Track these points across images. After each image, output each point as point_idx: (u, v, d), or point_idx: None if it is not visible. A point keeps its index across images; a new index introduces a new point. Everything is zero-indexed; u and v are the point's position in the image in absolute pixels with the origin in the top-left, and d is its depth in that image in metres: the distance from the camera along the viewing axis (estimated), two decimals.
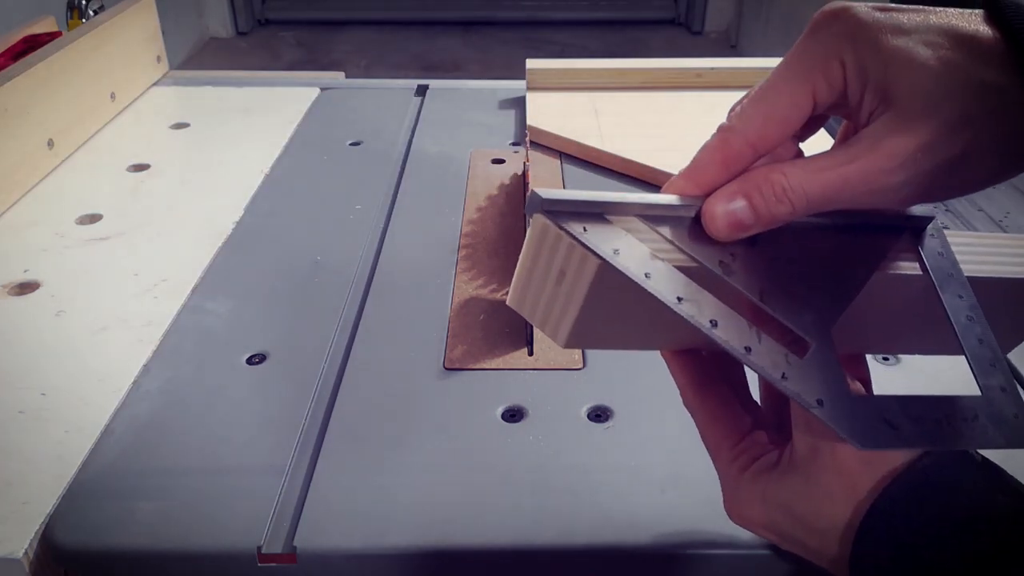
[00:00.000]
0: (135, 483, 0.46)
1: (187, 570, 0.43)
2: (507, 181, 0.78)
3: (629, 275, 0.28)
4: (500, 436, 0.49)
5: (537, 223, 0.29)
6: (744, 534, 0.42)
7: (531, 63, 0.95)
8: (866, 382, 0.36)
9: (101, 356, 0.55)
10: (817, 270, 0.32)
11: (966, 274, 0.33)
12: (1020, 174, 0.31)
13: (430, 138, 0.87)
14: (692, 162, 0.31)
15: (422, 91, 1.00)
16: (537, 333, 0.56)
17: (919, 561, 0.29)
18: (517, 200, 0.75)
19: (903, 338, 0.39)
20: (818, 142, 0.33)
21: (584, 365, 0.54)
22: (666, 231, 0.30)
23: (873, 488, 0.31)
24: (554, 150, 0.84)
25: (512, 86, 1.00)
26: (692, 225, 0.31)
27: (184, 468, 0.47)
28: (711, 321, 0.29)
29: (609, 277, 0.29)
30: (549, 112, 0.88)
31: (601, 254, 0.28)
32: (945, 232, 0.35)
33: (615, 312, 0.31)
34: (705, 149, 0.31)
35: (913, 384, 0.53)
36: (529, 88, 0.94)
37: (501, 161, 0.82)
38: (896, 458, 0.31)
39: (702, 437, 0.37)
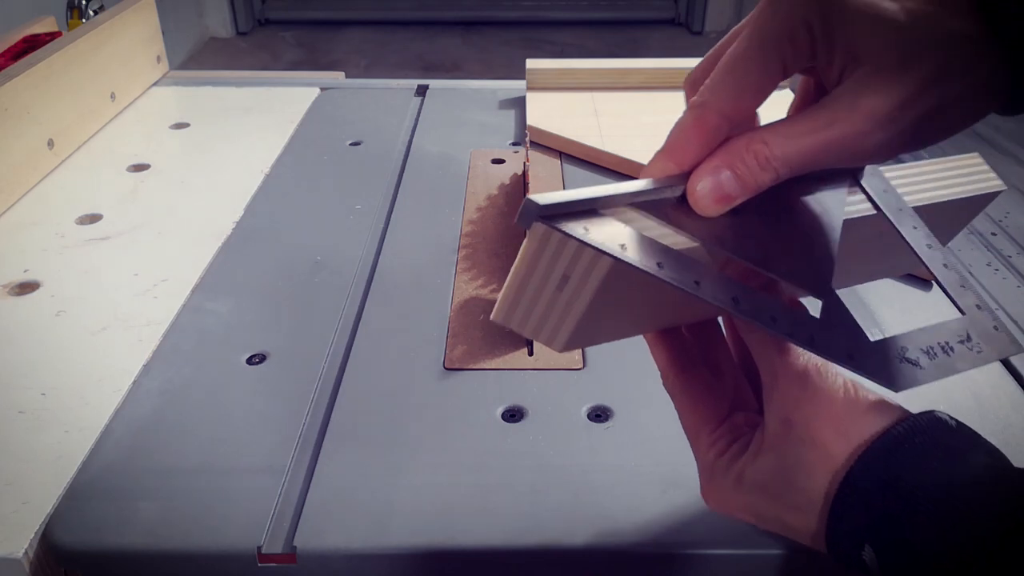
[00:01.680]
0: (135, 483, 0.46)
1: (187, 570, 0.43)
2: (507, 181, 0.78)
3: (643, 268, 0.28)
4: (500, 436, 0.49)
5: (536, 231, 0.29)
6: (744, 534, 0.42)
7: (531, 63, 0.95)
8: None
9: (101, 356, 0.55)
10: (797, 227, 0.32)
11: (911, 205, 0.35)
12: (990, 114, 0.30)
13: (430, 138, 0.87)
14: (668, 140, 0.31)
15: (422, 91, 1.00)
16: None
17: (895, 526, 0.29)
18: (517, 200, 0.75)
19: (865, 270, 0.41)
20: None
21: (584, 365, 0.54)
22: (661, 214, 0.30)
23: (849, 456, 0.30)
24: (554, 150, 0.84)
25: (512, 86, 1.00)
26: (679, 204, 0.31)
27: (184, 468, 0.47)
28: (732, 299, 0.29)
29: (618, 274, 0.29)
30: (549, 112, 0.88)
31: (610, 252, 0.28)
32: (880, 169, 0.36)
33: (617, 306, 0.32)
34: (680, 126, 0.31)
35: None
36: (529, 88, 0.94)
37: (501, 161, 0.82)
38: (869, 426, 0.31)
39: (681, 422, 0.37)
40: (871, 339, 0.31)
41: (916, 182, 0.37)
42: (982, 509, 0.28)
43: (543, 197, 0.28)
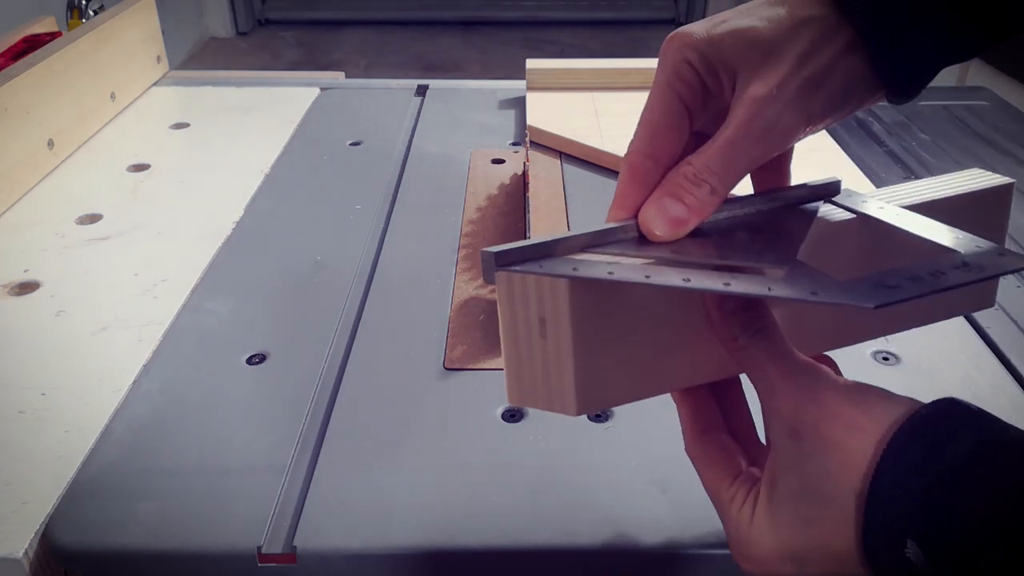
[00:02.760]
0: (135, 483, 0.46)
1: (187, 570, 0.43)
2: (507, 181, 0.78)
3: (594, 278, 0.30)
4: (500, 436, 0.49)
5: (500, 281, 0.31)
6: None
7: (531, 63, 0.95)
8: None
9: (101, 356, 0.55)
10: (760, 239, 0.34)
11: (909, 204, 0.36)
12: (874, 85, 0.34)
13: (430, 138, 0.87)
14: (615, 193, 0.35)
15: (422, 91, 1.00)
16: None
17: (939, 505, 0.27)
18: (517, 200, 0.75)
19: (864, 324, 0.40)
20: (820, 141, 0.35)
21: None
22: (614, 250, 0.33)
23: (876, 447, 0.29)
24: (554, 150, 0.84)
25: (512, 86, 1.00)
26: (637, 241, 0.34)
27: (184, 468, 0.47)
28: (684, 279, 0.30)
29: (584, 298, 0.30)
30: (549, 112, 0.88)
31: (563, 273, 0.30)
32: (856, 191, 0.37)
33: (609, 348, 0.32)
34: (619, 178, 0.35)
35: (912, 382, 0.53)
36: (529, 88, 0.94)
37: (501, 161, 0.82)
38: (885, 415, 0.29)
39: (704, 485, 0.36)
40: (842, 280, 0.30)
41: (913, 192, 0.37)
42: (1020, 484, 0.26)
43: (497, 248, 0.31)
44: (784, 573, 0.32)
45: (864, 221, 0.35)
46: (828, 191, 0.37)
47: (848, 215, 0.35)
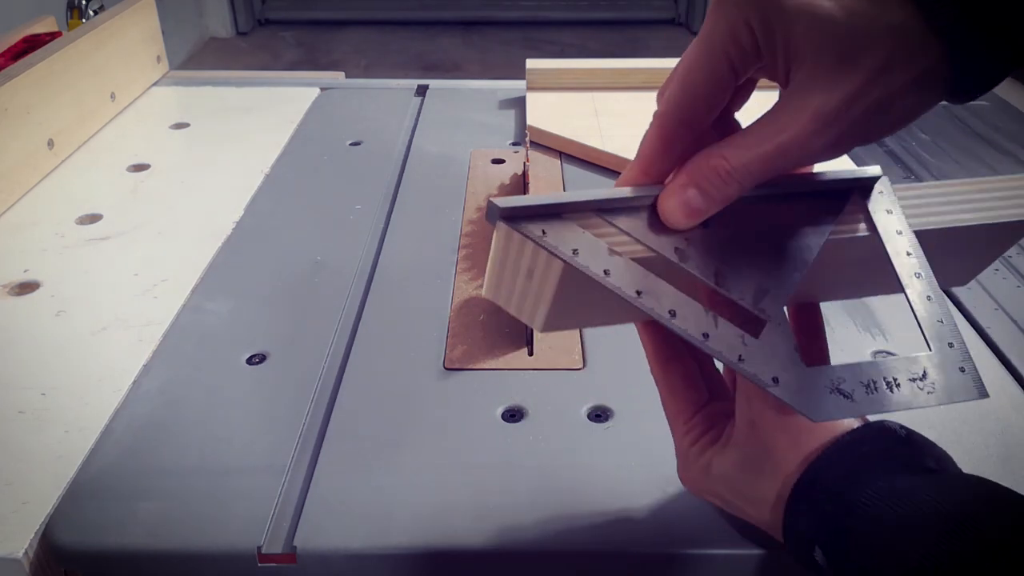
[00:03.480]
0: (135, 483, 0.46)
1: (187, 570, 0.43)
2: (507, 181, 0.78)
3: (589, 273, 0.30)
4: (500, 436, 0.49)
5: (500, 229, 0.31)
6: (743, 534, 0.42)
7: (531, 63, 0.95)
8: (824, 355, 0.38)
9: (101, 356, 0.55)
10: (770, 243, 0.33)
11: (916, 228, 0.34)
12: (939, 102, 0.31)
13: (430, 138, 0.87)
14: (638, 152, 0.33)
15: (422, 91, 1.00)
16: (537, 334, 0.56)
17: (840, 533, 0.31)
18: None
19: (854, 287, 0.41)
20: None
21: (584, 365, 0.54)
22: (623, 223, 0.31)
23: (800, 464, 0.34)
24: (554, 150, 0.84)
25: (512, 86, 1.00)
26: (649, 214, 0.32)
27: (184, 468, 0.47)
28: (670, 311, 0.31)
29: (574, 274, 0.30)
30: (549, 112, 0.88)
31: (560, 255, 0.30)
32: (895, 187, 0.35)
33: (585, 299, 0.33)
34: (646, 137, 0.33)
35: None
36: (529, 88, 0.94)
37: (501, 161, 0.82)
38: (822, 435, 0.34)
39: (663, 407, 0.40)
40: (806, 367, 0.32)
41: (939, 203, 0.35)
42: (920, 517, 0.29)
43: (506, 200, 0.30)
44: (713, 502, 0.39)
45: (876, 240, 0.34)
46: (859, 185, 0.35)
47: (864, 230, 0.34)
